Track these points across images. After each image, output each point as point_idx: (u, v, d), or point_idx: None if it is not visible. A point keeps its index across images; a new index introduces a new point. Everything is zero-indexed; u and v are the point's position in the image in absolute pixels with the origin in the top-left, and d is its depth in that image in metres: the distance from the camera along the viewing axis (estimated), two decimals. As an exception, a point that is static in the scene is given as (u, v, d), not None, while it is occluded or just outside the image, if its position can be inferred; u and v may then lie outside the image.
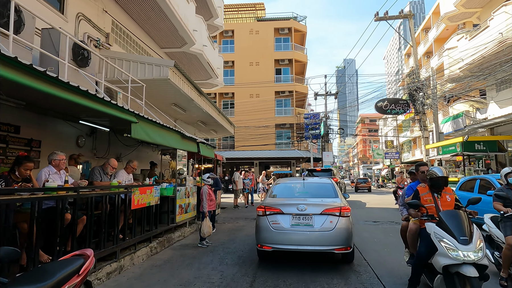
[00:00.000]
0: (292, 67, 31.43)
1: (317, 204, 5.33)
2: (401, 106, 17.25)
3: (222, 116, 14.84)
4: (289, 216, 5.21)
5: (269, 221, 5.26)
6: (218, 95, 31.88)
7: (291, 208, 5.27)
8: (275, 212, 5.29)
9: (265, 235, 5.25)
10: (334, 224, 5.07)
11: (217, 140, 31.79)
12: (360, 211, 13.57)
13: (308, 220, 5.15)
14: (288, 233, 5.12)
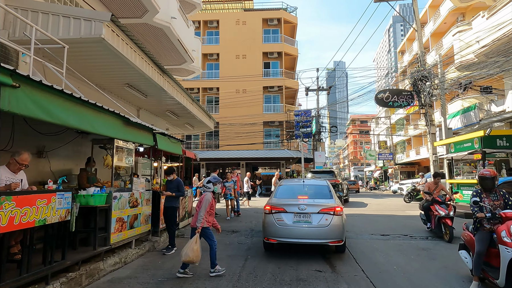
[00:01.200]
0: (282, 60, 29.22)
1: (315, 204, 6.18)
2: (405, 98, 15.17)
3: (197, 107, 12.46)
4: (292, 214, 6.07)
5: (274, 218, 6.13)
6: (201, 90, 29.44)
7: (293, 207, 6.12)
8: (280, 211, 6.16)
9: (271, 229, 6.12)
10: (329, 221, 5.94)
11: (200, 138, 29.31)
12: (361, 219, 11.33)
13: (308, 217, 6.01)
14: (291, 228, 5.99)
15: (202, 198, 5.29)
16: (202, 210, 5.14)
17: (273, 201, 6.53)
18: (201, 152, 27.62)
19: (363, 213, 13.14)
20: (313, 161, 25.87)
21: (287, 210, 6.10)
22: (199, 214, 5.15)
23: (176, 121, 13.62)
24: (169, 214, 6.95)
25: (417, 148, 37.28)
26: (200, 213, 5.12)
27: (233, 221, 10.96)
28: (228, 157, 27.14)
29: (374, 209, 14.49)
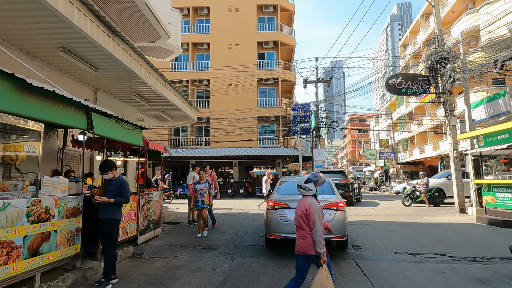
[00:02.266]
0: (278, 51, 26.97)
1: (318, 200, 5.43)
2: (420, 84, 12.96)
3: (173, 91, 10.20)
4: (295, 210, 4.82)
5: (278, 214, 6.10)
6: (190, 82, 27.12)
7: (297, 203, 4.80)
8: (283, 207, 6.13)
9: (275, 225, 6.08)
10: (332, 217, 5.90)
11: (189, 135, 26.99)
12: (375, 229, 9.10)
13: None
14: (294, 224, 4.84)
15: (307, 208, 3.47)
16: (317, 225, 3.37)
17: (276, 197, 6.46)
18: (190, 150, 25.32)
19: (375, 219, 10.91)
20: (312, 159, 23.67)
21: (291, 205, 6.03)
22: (315, 233, 3.35)
23: (149, 109, 11.34)
24: (104, 230, 4.68)
25: (421, 146, 35.19)
26: (317, 231, 3.36)
27: (213, 232, 8.68)
28: (219, 155, 24.88)
29: (386, 214, 12.27)
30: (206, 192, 8.02)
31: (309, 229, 3.42)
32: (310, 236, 3.40)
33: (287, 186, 7.21)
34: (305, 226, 3.46)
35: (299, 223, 3.54)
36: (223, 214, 12.72)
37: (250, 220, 10.92)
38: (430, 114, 31.95)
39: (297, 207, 3.68)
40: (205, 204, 8.02)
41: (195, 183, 8.20)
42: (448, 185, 15.77)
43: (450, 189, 15.66)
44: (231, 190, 23.04)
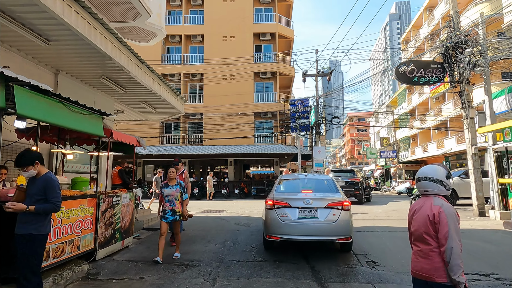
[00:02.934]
0: (276, 43, 25.55)
1: (321, 198, 5.73)
2: (434, 71, 11.57)
3: (154, 76, 8.77)
4: (296, 209, 5.59)
5: (277, 214, 5.63)
6: (183, 76, 25.64)
7: (298, 202, 5.64)
8: (283, 206, 5.66)
9: (274, 226, 5.62)
10: (337, 217, 5.48)
11: (181, 131, 25.52)
12: (391, 238, 7.72)
13: (314, 213, 5.54)
14: (296, 224, 5.50)
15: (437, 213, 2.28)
16: (454, 240, 2.19)
17: (275, 196, 6.04)
18: (182, 148, 23.88)
19: (386, 224, 9.51)
20: (312, 157, 22.27)
21: (291, 204, 5.67)
22: (449, 252, 2.17)
23: (126, 98, 9.90)
24: (20, 251, 3.23)
25: (425, 144, 33.90)
26: (453, 248, 2.17)
27: (196, 241, 7.26)
28: (214, 153, 23.45)
29: (396, 218, 10.89)
30: (177, 198, 5.73)
31: (436, 244, 2.26)
32: (438, 254, 2.24)
33: (288, 183, 6.88)
34: (431, 239, 2.29)
35: (418, 234, 2.38)
36: (212, 218, 11.30)
37: (243, 225, 9.50)
38: (434, 110, 30.65)
39: (414, 209, 2.51)
40: (177, 215, 5.70)
41: (162, 186, 5.90)
42: (461, 185, 14.49)
43: (463, 190, 14.42)
44: (225, 191, 21.61)
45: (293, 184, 6.91)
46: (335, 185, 6.52)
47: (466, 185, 14.42)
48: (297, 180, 7.11)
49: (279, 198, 5.82)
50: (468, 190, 14.41)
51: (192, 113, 24.95)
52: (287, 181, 7.04)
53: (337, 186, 6.56)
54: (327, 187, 6.47)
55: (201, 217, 11.72)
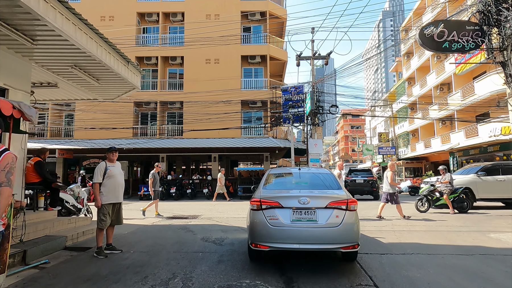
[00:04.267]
0: (266, 23, 22.64)
1: (321, 196, 4.68)
2: (470, 35, 8.80)
3: (75, 20, 5.77)
4: (289, 211, 4.51)
5: (265, 216, 4.53)
6: (160, 60, 22.54)
7: (292, 201, 4.56)
8: (273, 206, 4.56)
9: (261, 232, 4.50)
10: (340, 219, 4.44)
11: (158, 123, 22.44)
12: (432, 265, 4.92)
13: (311, 214, 4.48)
14: (289, 230, 4.42)
15: None
16: None
17: (263, 194, 4.81)
18: (159, 141, 20.87)
19: (418, 241, 6.72)
20: (307, 152, 19.50)
21: (283, 204, 4.53)
22: None
23: (47, 59, 6.89)
24: None
25: (427, 139, 31.42)
26: None
27: (122, 279, 4.37)
28: (195, 147, 20.49)
29: (423, 229, 8.14)
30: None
31: None
32: None
33: (277, 179, 5.90)
34: None
35: None
36: (176, 228, 8.42)
37: (212, 242, 6.63)
38: (439, 103, 28.17)
39: None
40: None
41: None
42: (479, 184, 12.01)
43: (481, 189, 11.95)
44: (207, 190, 18.69)
45: (284, 179, 5.96)
46: (335, 180, 5.41)
47: (485, 184, 11.96)
48: (289, 174, 6.07)
49: (267, 197, 4.71)
50: (487, 190, 11.90)
51: (171, 101, 21.93)
52: (277, 175, 6.01)
53: (339, 181, 5.45)
54: (326, 182, 5.35)
55: (163, 226, 8.82)
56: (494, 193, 11.97)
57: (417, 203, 11.48)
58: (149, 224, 9.21)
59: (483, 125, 21.76)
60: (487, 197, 12.02)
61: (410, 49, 36.86)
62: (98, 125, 19.81)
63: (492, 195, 12.03)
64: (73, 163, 23.38)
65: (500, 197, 12.02)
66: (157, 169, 11.15)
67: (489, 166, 12.63)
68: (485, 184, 11.94)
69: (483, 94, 21.01)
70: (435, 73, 28.80)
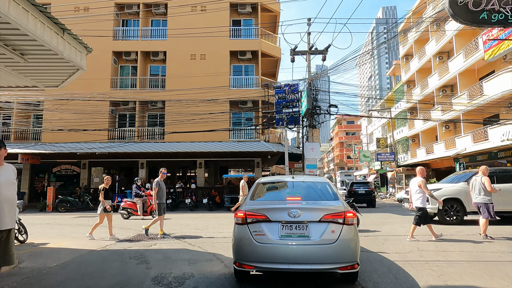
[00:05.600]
0: (258, 16, 20.70)
1: (314, 208, 4.15)
2: (514, 3, 6.84)
3: None
4: (278, 225, 4.00)
5: (251, 232, 4.02)
6: (140, 55, 20.38)
7: (281, 213, 4.05)
8: (259, 220, 4.06)
9: (246, 250, 4.02)
10: (337, 235, 3.91)
11: (136, 123, 20.19)
12: None
13: (303, 229, 3.96)
14: (277, 247, 3.91)
15: None
16: None
17: (248, 206, 4.29)
18: (139, 145, 18.64)
19: (475, 284, 4.61)
20: (302, 157, 17.48)
21: (271, 217, 4.03)
22: None
23: None
24: None
25: (429, 145, 29.57)
26: None
27: None
28: (179, 151, 18.28)
29: (469, 257, 6.05)
30: None
31: None
32: None
33: (267, 187, 5.32)
34: None
35: None
36: (128, 256, 6.20)
37: (168, 284, 4.46)
38: (442, 105, 26.42)
39: None
40: None
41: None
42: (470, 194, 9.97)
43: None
44: (190, 200, 16.42)
45: (275, 189, 5.31)
46: (332, 190, 4.76)
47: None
48: (281, 183, 5.34)
49: (253, 209, 4.15)
50: None
51: (152, 101, 19.75)
52: (267, 185, 5.39)
53: (336, 191, 4.77)
54: (321, 192, 4.75)
55: (114, 252, 6.60)
56: None
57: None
58: (98, 249, 6.97)
59: (493, 128, 19.95)
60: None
61: (409, 51, 35.32)
62: (67, 127, 17.51)
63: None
64: (42, 170, 20.94)
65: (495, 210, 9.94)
66: (162, 176, 8.86)
67: None
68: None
69: (495, 94, 19.24)
70: (438, 75, 27.13)
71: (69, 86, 20.56)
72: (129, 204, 13.11)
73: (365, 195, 19.64)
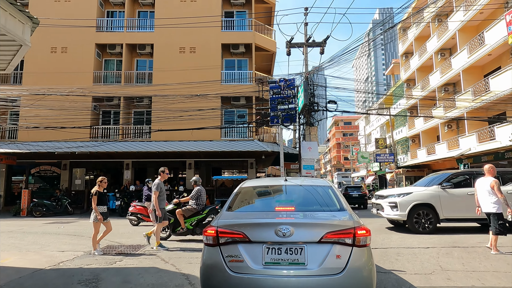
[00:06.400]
0: (251, 7, 19.46)
1: (313, 223, 3.00)
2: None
3: None
4: (262, 247, 2.88)
5: (223, 257, 2.91)
6: (126, 48, 19.02)
7: (266, 231, 2.91)
8: (236, 240, 2.94)
9: (216, 282, 2.89)
10: (344, 261, 2.81)
11: (121, 121, 18.83)
12: None
13: (297, 254, 2.84)
14: (260, 280, 2.78)
15: None
16: None
17: (223, 220, 3.14)
18: (122, 144, 17.31)
19: None
20: (299, 157, 16.24)
21: (251, 237, 2.89)
22: None
23: None
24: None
25: (430, 145, 28.45)
26: None
27: None
28: (166, 151, 16.97)
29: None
30: None
31: None
32: None
33: (249, 196, 3.90)
34: None
35: None
36: (79, 279, 4.88)
37: None
38: (444, 104, 25.31)
39: None
40: None
41: None
42: (444, 199, 8.97)
43: (447, 206, 8.91)
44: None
45: (261, 196, 3.97)
46: (337, 197, 3.59)
47: (452, 200, 8.89)
48: (269, 188, 4.07)
49: (228, 225, 3.01)
50: (455, 207, 8.84)
51: (138, 96, 18.41)
52: (251, 191, 4.00)
53: (341, 197, 3.60)
54: (322, 200, 3.55)
55: (64, 272, 5.30)
56: (463, 212, 8.79)
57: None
58: (47, 267, 5.65)
59: (501, 127, 18.84)
60: (454, 216, 8.92)
61: (409, 49, 34.26)
62: (44, 124, 16.12)
63: (460, 214, 8.88)
64: (19, 171, 19.51)
65: (471, 217, 8.67)
66: (163, 176, 7.50)
67: (457, 175, 9.57)
68: (452, 200, 8.89)
69: (503, 90, 18.18)
70: (439, 72, 26.06)
71: (45, 79, 19.22)
72: (138, 208, 11.17)
73: (358, 198, 21.57)
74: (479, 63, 21.67)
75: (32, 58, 18.33)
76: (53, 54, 18.48)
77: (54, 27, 17.10)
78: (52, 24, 16.91)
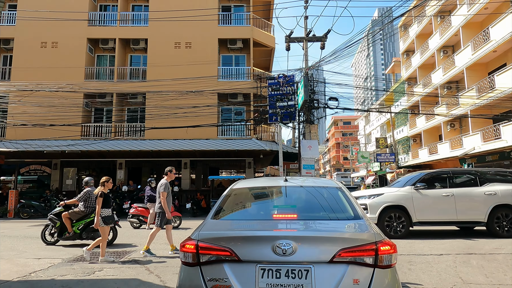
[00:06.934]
0: (249, 1, 18.79)
1: (321, 237, 2.30)
2: None
3: None
4: (255, 268, 2.21)
5: (204, 280, 2.26)
6: (119, 43, 18.32)
7: (260, 247, 2.25)
8: (221, 258, 2.27)
9: None
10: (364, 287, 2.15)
11: (113, 119, 18.14)
12: None
13: (301, 277, 2.17)
14: None
15: None
16: None
17: (205, 231, 2.45)
18: (115, 142, 16.62)
19: None
20: (299, 157, 15.59)
21: (241, 255, 2.23)
22: None
23: None
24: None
25: (432, 144, 27.86)
26: None
27: None
28: (160, 150, 16.31)
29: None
30: None
31: None
32: None
33: (241, 199, 3.22)
34: None
35: None
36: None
37: None
38: (447, 102, 24.71)
39: None
40: None
41: None
42: (417, 200, 8.34)
43: (420, 208, 8.28)
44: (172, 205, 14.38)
45: (255, 199, 3.28)
46: (349, 201, 2.85)
47: (426, 201, 8.29)
48: (266, 190, 3.37)
49: (211, 238, 2.33)
50: (429, 209, 8.25)
51: (132, 93, 17.73)
52: (243, 193, 3.32)
53: (354, 202, 2.86)
54: (330, 204, 2.84)
55: (37, 283, 4.60)
56: (438, 214, 8.27)
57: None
58: (15, 278, 4.98)
59: (507, 125, 18.25)
60: (428, 219, 8.31)
61: (410, 47, 33.69)
62: (32, 121, 15.43)
63: (435, 217, 8.30)
64: (8, 171, 18.78)
65: (447, 220, 8.26)
66: (170, 176, 6.93)
67: (432, 175, 8.92)
68: (426, 201, 8.29)
69: (511, 87, 17.59)
70: (442, 70, 25.45)
71: (35, 75, 18.30)
72: (140, 210, 10.65)
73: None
74: (484, 60, 21.08)
75: (22, 53, 17.65)
76: (43, 49, 17.78)
77: (44, 20, 16.42)
78: (41, 17, 16.23)
